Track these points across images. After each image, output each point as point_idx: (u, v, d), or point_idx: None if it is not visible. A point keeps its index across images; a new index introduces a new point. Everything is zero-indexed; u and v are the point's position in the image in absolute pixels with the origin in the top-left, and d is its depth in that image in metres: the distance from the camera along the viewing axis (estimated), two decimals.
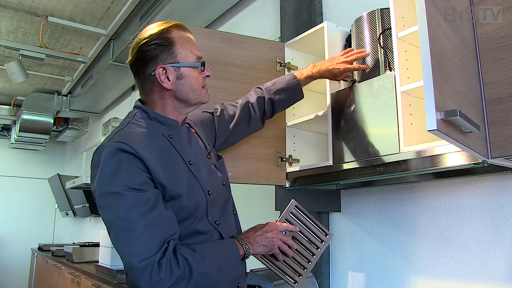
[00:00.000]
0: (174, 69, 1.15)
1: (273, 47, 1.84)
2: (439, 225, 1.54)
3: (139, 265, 0.95)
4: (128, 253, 0.97)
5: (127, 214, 0.98)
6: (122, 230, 0.99)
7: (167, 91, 1.17)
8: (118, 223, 0.99)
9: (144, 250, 0.96)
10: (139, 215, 0.98)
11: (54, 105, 5.44)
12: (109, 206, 1.01)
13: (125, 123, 1.15)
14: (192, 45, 1.19)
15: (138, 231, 0.97)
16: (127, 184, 1.00)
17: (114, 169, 1.02)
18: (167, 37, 1.15)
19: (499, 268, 1.36)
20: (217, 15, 2.97)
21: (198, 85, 1.19)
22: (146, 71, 1.16)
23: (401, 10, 1.41)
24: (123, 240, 0.99)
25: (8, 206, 6.56)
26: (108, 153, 1.04)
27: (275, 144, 1.75)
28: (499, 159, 1.07)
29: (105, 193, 1.02)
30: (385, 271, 1.71)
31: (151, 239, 0.98)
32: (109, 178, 1.02)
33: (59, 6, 3.38)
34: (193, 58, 1.18)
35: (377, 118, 1.40)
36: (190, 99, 1.19)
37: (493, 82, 1.07)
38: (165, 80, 1.15)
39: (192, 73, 1.18)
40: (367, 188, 1.82)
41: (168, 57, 1.15)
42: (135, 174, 1.02)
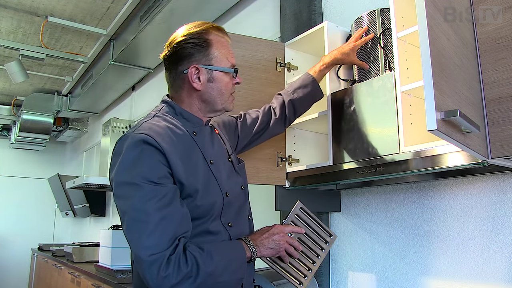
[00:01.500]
0: (207, 71, 1.16)
1: (273, 47, 1.84)
2: (439, 225, 1.54)
3: (148, 259, 0.95)
4: (139, 246, 0.97)
5: (142, 206, 0.98)
6: (136, 221, 0.98)
7: (195, 91, 1.18)
8: (132, 214, 0.99)
9: (155, 244, 0.96)
10: (155, 209, 0.98)
11: (54, 105, 5.44)
12: (126, 196, 1.01)
13: (151, 115, 1.16)
14: (228, 50, 1.21)
15: (152, 225, 0.97)
16: (146, 177, 1.00)
17: (135, 160, 1.02)
18: (205, 38, 1.16)
19: (499, 268, 1.36)
20: (217, 15, 2.97)
21: (227, 91, 1.20)
22: (179, 68, 1.17)
23: (401, 10, 1.41)
24: (135, 232, 0.98)
25: (8, 206, 6.56)
26: (131, 144, 1.04)
27: (275, 144, 1.75)
28: (499, 159, 1.07)
29: (123, 182, 1.02)
30: (385, 271, 1.71)
31: (163, 235, 0.97)
32: (129, 168, 1.02)
33: (59, 6, 3.38)
34: (227, 63, 1.19)
35: (377, 118, 1.40)
36: (216, 103, 1.19)
37: (493, 82, 1.07)
38: (196, 80, 1.16)
39: (223, 78, 1.18)
40: (367, 188, 1.82)
41: (203, 58, 1.16)
42: (155, 167, 1.02)
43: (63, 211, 6.08)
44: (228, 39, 1.23)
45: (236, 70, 1.20)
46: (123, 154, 1.04)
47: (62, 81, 5.14)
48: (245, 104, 1.71)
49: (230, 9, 2.91)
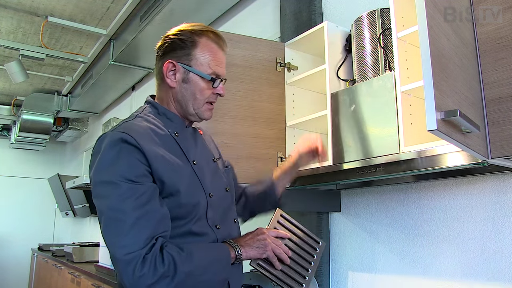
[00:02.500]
0: (184, 70, 1.13)
1: (273, 47, 1.84)
2: (439, 225, 1.54)
3: (124, 258, 0.93)
4: (115, 245, 0.95)
5: (119, 205, 0.97)
6: (112, 220, 0.97)
7: (170, 89, 1.15)
8: (109, 213, 0.98)
9: (130, 243, 0.94)
10: (131, 208, 0.97)
11: (54, 105, 5.44)
12: (103, 195, 1.00)
13: (133, 116, 1.15)
14: (215, 58, 1.15)
15: (128, 224, 0.95)
16: (124, 175, 0.98)
17: (113, 159, 1.01)
18: (194, 38, 1.13)
19: (499, 268, 1.36)
20: (217, 15, 2.97)
21: (202, 97, 1.15)
22: (161, 60, 1.16)
23: (401, 10, 1.41)
24: (111, 231, 0.97)
25: (8, 206, 6.55)
26: (109, 142, 1.02)
27: (275, 144, 1.75)
28: (499, 159, 1.07)
29: (101, 181, 1.00)
30: (385, 271, 1.71)
31: (140, 234, 0.96)
32: (107, 167, 1.00)
33: (59, 6, 3.38)
34: (207, 69, 1.14)
35: (377, 118, 1.40)
36: (188, 106, 1.15)
37: (493, 82, 1.07)
38: (170, 76, 1.14)
39: (199, 82, 1.14)
40: (367, 188, 1.82)
41: (183, 57, 1.13)
42: (133, 165, 1.00)
43: (63, 211, 6.08)
44: (223, 48, 1.18)
45: (214, 78, 1.14)
46: (102, 153, 1.02)
47: (62, 81, 5.14)
48: (245, 104, 1.71)
49: (230, 9, 2.91)
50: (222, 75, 1.17)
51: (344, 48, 1.72)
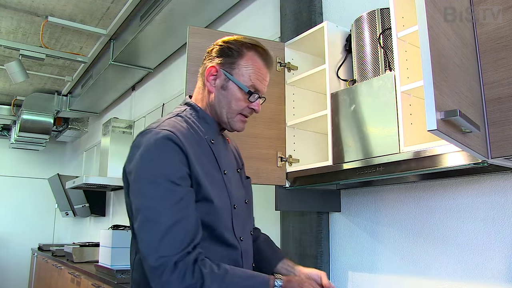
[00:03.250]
0: (225, 77, 1.14)
1: (273, 47, 1.84)
2: (439, 225, 1.54)
3: (156, 262, 0.92)
4: (149, 246, 0.94)
5: (158, 206, 0.95)
6: (149, 221, 0.95)
7: (208, 93, 1.16)
8: (147, 212, 0.96)
9: (164, 247, 0.93)
10: (170, 211, 0.95)
11: (54, 105, 5.44)
12: (143, 193, 0.98)
13: (173, 114, 1.14)
14: (258, 74, 1.15)
15: (165, 227, 0.94)
16: (167, 176, 0.97)
17: (157, 157, 0.99)
18: (242, 49, 1.14)
19: (499, 268, 1.36)
20: (217, 15, 2.97)
21: (236, 107, 1.14)
22: (206, 63, 1.17)
23: (401, 10, 1.41)
24: (147, 231, 0.95)
25: (8, 206, 6.56)
26: (155, 139, 1.01)
27: (275, 144, 1.75)
28: (499, 159, 1.07)
29: (142, 179, 0.98)
30: (385, 271, 1.71)
31: (175, 239, 0.94)
32: (150, 165, 0.99)
33: (59, 6, 3.38)
34: (247, 82, 1.13)
35: (377, 118, 1.40)
36: (222, 113, 1.15)
37: (493, 82, 1.07)
38: (211, 81, 1.14)
39: (237, 92, 1.13)
40: (367, 188, 1.82)
41: (227, 64, 1.14)
42: (176, 166, 0.99)
43: (63, 211, 6.08)
44: (268, 66, 1.18)
45: (251, 92, 1.13)
46: (145, 149, 1.01)
47: (62, 81, 5.14)
48: None
49: (230, 9, 2.91)
50: (261, 91, 1.17)
51: (344, 48, 1.72)
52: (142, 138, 1.04)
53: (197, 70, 1.64)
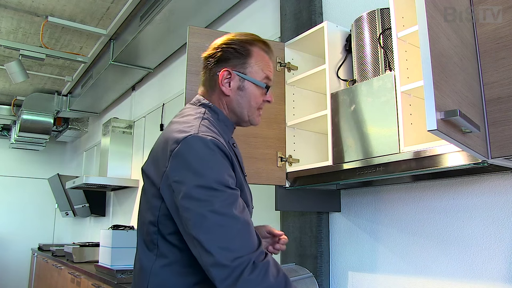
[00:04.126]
0: (239, 78, 1.15)
1: (273, 47, 1.83)
2: (439, 225, 1.54)
3: (231, 264, 0.92)
4: (223, 249, 0.93)
5: (225, 211, 0.96)
6: (217, 226, 0.95)
7: (225, 97, 1.16)
8: (214, 218, 0.95)
9: (240, 248, 0.94)
10: (236, 214, 0.97)
11: (54, 105, 5.44)
12: (203, 199, 0.96)
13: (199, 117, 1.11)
14: (267, 65, 1.19)
15: (235, 230, 0.95)
16: (223, 181, 0.98)
17: (211, 163, 1.00)
18: (247, 47, 1.17)
19: (499, 268, 1.36)
20: (217, 15, 2.97)
21: (256, 104, 1.18)
22: (213, 68, 1.17)
23: (401, 10, 1.41)
24: (215, 236, 0.94)
25: (8, 206, 6.55)
26: (203, 145, 1.00)
27: (275, 144, 1.75)
28: (499, 159, 1.07)
29: (200, 185, 0.97)
30: (385, 271, 1.71)
31: (247, 239, 0.96)
32: (206, 171, 0.98)
33: (59, 6, 3.38)
34: (262, 76, 1.17)
35: (377, 118, 1.40)
36: (243, 114, 1.17)
37: (493, 82, 1.07)
38: (225, 84, 1.15)
39: (254, 90, 1.17)
40: (367, 188, 1.82)
41: (239, 65, 1.15)
42: (227, 172, 1.01)
43: (63, 211, 6.08)
44: (272, 55, 1.22)
45: (268, 87, 1.18)
46: (196, 155, 1.00)
47: (62, 81, 5.14)
48: None
49: (230, 9, 2.91)
50: (272, 82, 1.21)
51: (344, 48, 1.72)
52: (187, 144, 1.01)
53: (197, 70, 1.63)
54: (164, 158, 1.04)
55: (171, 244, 1.05)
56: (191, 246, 0.99)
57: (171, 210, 1.03)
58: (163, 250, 1.05)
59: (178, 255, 1.04)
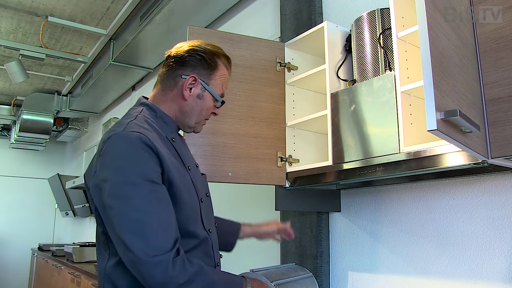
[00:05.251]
0: (201, 87, 1.20)
1: (273, 47, 1.84)
2: (439, 225, 1.54)
3: (152, 260, 0.94)
4: (139, 247, 0.94)
5: (144, 207, 0.97)
6: (137, 222, 0.96)
7: (181, 99, 1.19)
8: (132, 214, 0.96)
9: (159, 246, 0.95)
10: (156, 210, 0.98)
11: (54, 105, 5.44)
12: (124, 196, 0.98)
13: (132, 116, 1.14)
14: (225, 81, 1.26)
15: (154, 226, 0.96)
16: (146, 176, 0.99)
17: (133, 159, 1.00)
18: (216, 60, 1.21)
19: (499, 268, 1.36)
20: (217, 15, 2.97)
21: (206, 114, 1.23)
22: (179, 70, 1.19)
23: (401, 10, 1.41)
24: (135, 233, 0.95)
25: (8, 206, 6.55)
26: (127, 142, 1.02)
27: (275, 144, 1.75)
28: (499, 159, 1.07)
29: (122, 182, 0.99)
30: (385, 271, 1.71)
31: (166, 236, 0.98)
32: (127, 167, 1.00)
33: (59, 6, 3.38)
34: (219, 91, 1.23)
35: (377, 118, 1.40)
36: (191, 119, 1.21)
37: (493, 82, 1.07)
38: (187, 89, 1.18)
39: (210, 101, 1.22)
40: (367, 188, 1.82)
41: (204, 75, 1.20)
42: (153, 166, 1.02)
43: (63, 211, 6.08)
44: (230, 71, 1.28)
45: (223, 102, 1.25)
46: (118, 152, 1.02)
47: (62, 81, 5.14)
48: (245, 104, 1.71)
49: (230, 9, 2.91)
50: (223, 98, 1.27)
51: (344, 48, 1.72)
52: (112, 143, 1.04)
53: None
54: (96, 159, 1.07)
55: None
56: (116, 244, 1.00)
57: (100, 209, 1.05)
58: (113, 250, 1.06)
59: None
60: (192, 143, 1.58)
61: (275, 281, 1.36)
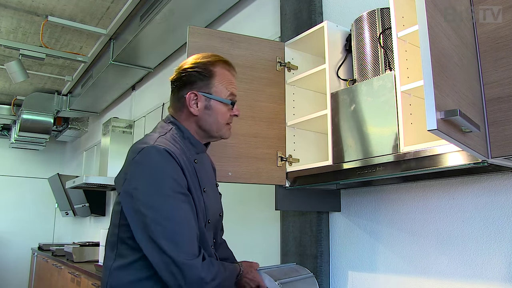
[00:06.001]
0: (205, 98, 1.25)
1: (273, 47, 1.84)
2: (439, 225, 1.54)
3: (188, 262, 1.05)
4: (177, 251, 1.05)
5: (175, 216, 1.08)
6: (170, 230, 1.07)
7: (193, 116, 1.25)
8: (165, 223, 1.07)
9: (189, 251, 1.07)
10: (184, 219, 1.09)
11: (54, 105, 5.44)
12: (157, 206, 1.08)
13: (163, 132, 1.22)
14: (230, 82, 1.28)
15: (185, 234, 1.08)
16: (176, 188, 1.10)
17: (164, 171, 1.10)
18: (210, 69, 1.25)
19: (499, 268, 1.36)
20: (217, 15, 2.97)
21: (223, 120, 1.27)
22: (180, 92, 1.26)
23: (401, 10, 1.41)
24: (170, 239, 1.06)
25: (8, 206, 6.55)
26: (157, 155, 1.11)
27: (275, 143, 1.75)
28: (499, 158, 1.07)
29: (154, 192, 1.09)
30: (385, 271, 1.71)
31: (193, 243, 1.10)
32: (159, 179, 1.10)
33: (59, 5, 3.38)
34: (226, 94, 1.27)
35: (377, 117, 1.40)
36: (212, 130, 1.27)
37: (493, 82, 1.07)
38: (193, 106, 1.24)
39: (220, 107, 1.26)
40: (367, 188, 1.82)
41: (204, 87, 1.24)
42: (181, 179, 1.12)
43: (63, 211, 6.08)
44: (234, 72, 1.31)
45: (233, 102, 1.28)
46: (149, 164, 1.11)
47: (62, 81, 5.14)
48: (245, 103, 1.71)
49: (230, 9, 2.91)
50: (236, 95, 1.30)
51: (344, 48, 1.72)
52: (144, 155, 1.12)
53: None
54: (127, 167, 1.16)
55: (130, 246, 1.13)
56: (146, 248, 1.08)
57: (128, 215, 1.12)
58: (122, 251, 1.15)
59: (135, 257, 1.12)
60: None
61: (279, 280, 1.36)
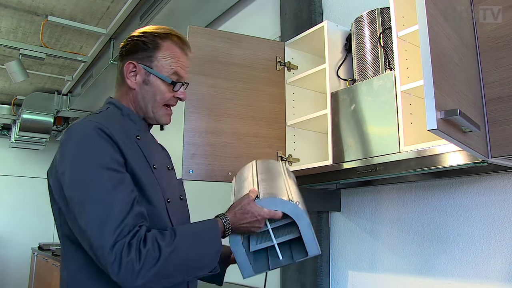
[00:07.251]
0: (145, 72, 1.12)
1: (273, 47, 1.84)
2: (439, 225, 1.54)
3: (112, 247, 0.89)
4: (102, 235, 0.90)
5: (103, 196, 0.93)
6: (97, 211, 0.92)
7: (130, 90, 1.14)
8: (92, 204, 0.93)
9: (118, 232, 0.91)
10: (116, 197, 0.94)
11: (54, 105, 5.43)
12: (84, 185, 0.95)
13: (96, 112, 1.11)
14: (177, 60, 1.14)
15: (114, 214, 0.92)
16: (106, 164, 0.96)
17: (92, 147, 0.97)
18: (157, 41, 1.13)
19: (499, 268, 1.36)
20: (217, 14, 2.97)
21: (161, 100, 1.14)
22: (122, 60, 1.15)
23: (401, 10, 1.41)
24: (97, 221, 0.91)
25: (8, 206, 6.55)
26: (85, 131, 0.98)
27: (275, 143, 1.75)
28: (499, 158, 1.07)
29: (82, 170, 0.96)
30: (385, 270, 1.71)
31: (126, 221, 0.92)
32: (85, 156, 0.96)
33: (59, 5, 3.38)
34: (169, 71, 1.13)
35: (377, 117, 1.40)
36: (147, 108, 1.14)
37: (493, 82, 1.07)
38: (131, 77, 1.12)
39: (160, 85, 1.13)
40: (367, 188, 1.82)
41: (145, 58, 1.12)
42: (113, 154, 0.98)
43: None
44: (187, 53, 1.18)
45: (174, 82, 1.13)
46: (77, 142, 0.99)
47: (62, 81, 5.13)
48: (245, 103, 1.71)
49: (230, 9, 2.91)
50: (184, 79, 1.16)
51: (344, 48, 1.72)
52: (71, 133, 1.00)
53: (197, 70, 1.64)
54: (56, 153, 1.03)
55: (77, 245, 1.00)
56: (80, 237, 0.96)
57: (62, 205, 1.00)
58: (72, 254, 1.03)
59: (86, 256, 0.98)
60: (192, 143, 1.58)
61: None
